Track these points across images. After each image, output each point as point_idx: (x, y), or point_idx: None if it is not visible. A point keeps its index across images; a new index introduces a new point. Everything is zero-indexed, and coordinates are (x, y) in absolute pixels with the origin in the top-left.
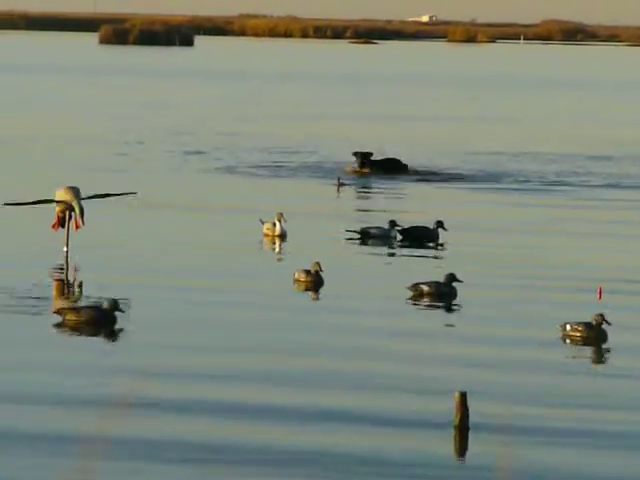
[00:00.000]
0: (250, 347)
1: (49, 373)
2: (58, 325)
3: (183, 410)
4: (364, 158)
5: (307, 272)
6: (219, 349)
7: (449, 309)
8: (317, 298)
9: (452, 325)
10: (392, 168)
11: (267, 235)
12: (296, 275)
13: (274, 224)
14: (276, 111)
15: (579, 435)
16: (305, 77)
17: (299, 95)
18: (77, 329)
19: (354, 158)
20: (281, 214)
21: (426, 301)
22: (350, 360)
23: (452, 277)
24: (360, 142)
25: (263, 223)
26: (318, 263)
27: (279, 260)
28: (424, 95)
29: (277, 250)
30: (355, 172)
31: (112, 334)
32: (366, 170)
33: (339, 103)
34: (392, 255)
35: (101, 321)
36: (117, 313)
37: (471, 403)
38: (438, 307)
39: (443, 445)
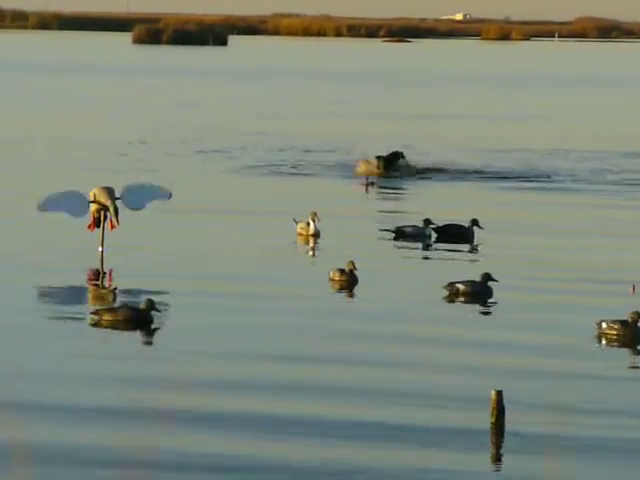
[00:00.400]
0: (285, 355)
1: (82, 380)
2: (95, 325)
3: (216, 420)
4: (386, 161)
5: (342, 271)
6: (253, 356)
7: (485, 308)
8: (352, 297)
9: (487, 323)
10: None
11: (301, 234)
12: (331, 274)
13: (308, 223)
14: (308, 110)
15: (613, 440)
16: (338, 75)
17: (332, 93)
18: (113, 329)
19: (361, 158)
20: (315, 213)
21: (461, 300)
22: (385, 364)
23: (488, 276)
24: (392, 141)
25: (297, 222)
26: (352, 262)
27: (313, 259)
28: (458, 93)
29: (311, 249)
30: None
31: (148, 334)
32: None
33: (372, 101)
34: (427, 254)
35: (137, 321)
36: (153, 313)
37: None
38: (473, 306)
39: (478, 450)
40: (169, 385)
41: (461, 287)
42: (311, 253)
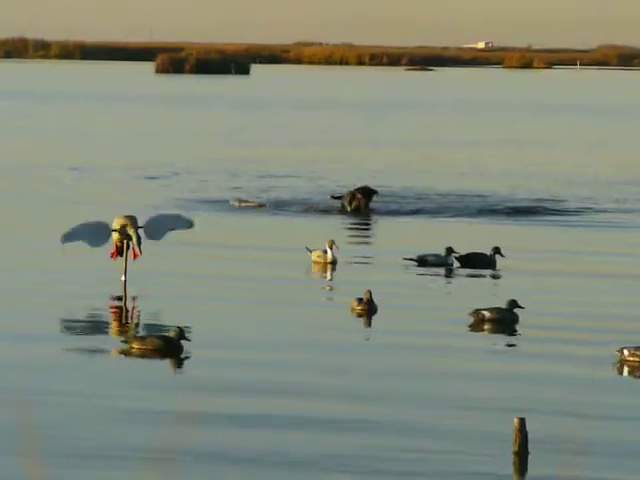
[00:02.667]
0: (305, 389)
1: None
2: (123, 353)
3: (240, 455)
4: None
5: (359, 300)
6: (278, 389)
7: (511, 335)
8: (370, 326)
9: (513, 351)
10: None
11: (317, 263)
12: (351, 303)
13: (325, 251)
14: (332, 139)
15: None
16: (361, 104)
17: (353, 122)
18: (143, 357)
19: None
20: (332, 241)
21: (487, 327)
22: (403, 397)
23: (514, 303)
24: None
25: (311, 251)
26: (369, 291)
27: (331, 289)
28: (476, 121)
29: (329, 278)
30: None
31: (177, 363)
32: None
33: (393, 129)
34: (450, 282)
35: (167, 350)
36: (183, 341)
37: (531, 431)
38: (499, 333)
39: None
40: (195, 417)
41: (487, 314)
42: (329, 281)
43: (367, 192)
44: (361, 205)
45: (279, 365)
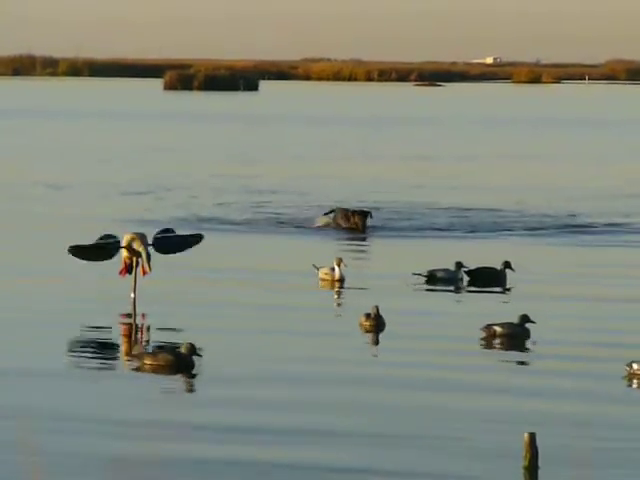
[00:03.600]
0: (316, 401)
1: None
2: (135, 370)
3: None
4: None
5: (367, 315)
6: (289, 403)
7: (522, 350)
8: (380, 342)
9: (524, 366)
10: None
11: (324, 280)
12: (359, 319)
13: (332, 269)
14: (337, 153)
15: None
16: (369, 120)
17: (360, 138)
18: (154, 373)
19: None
20: (340, 259)
21: (499, 342)
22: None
23: (525, 318)
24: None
25: (318, 269)
26: (377, 306)
27: (339, 305)
28: (485, 135)
29: (337, 295)
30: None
31: (189, 379)
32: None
33: (402, 145)
34: (459, 297)
35: (179, 365)
36: (194, 357)
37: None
38: (511, 348)
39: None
40: (209, 432)
41: (498, 329)
42: (337, 299)
43: (363, 213)
44: (359, 227)
45: (290, 378)
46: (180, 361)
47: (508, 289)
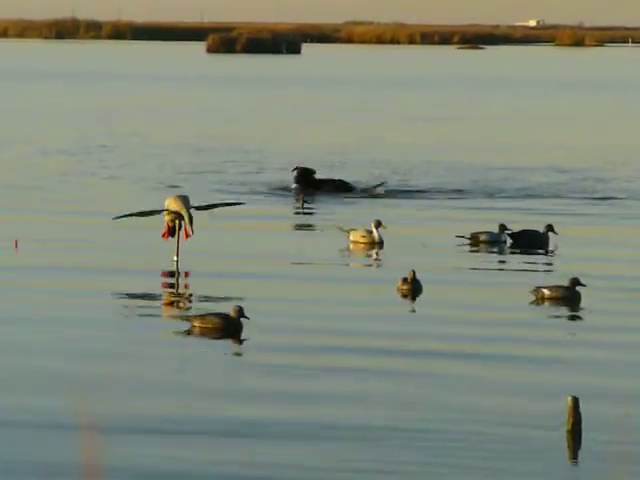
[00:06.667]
0: (362, 367)
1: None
2: (185, 332)
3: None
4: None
5: (404, 280)
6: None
7: (572, 313)
8: (414, 308)
9: (574, 329)
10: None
11: (356, 242)
12: (398, 284)
13: (370, 231)
14: (381, 117)
15: None
16: (412, 82)
17: (405, 100)
18: (203, 336)
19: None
20: (378, 221)
21: (548, 305)
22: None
23: (576, 281)
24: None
25: (347, 231)
26: (413, 271)
27: (379, 268)
28: (526, 98)
29: (376, 258)
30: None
31: (237, 343)
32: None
33: (444, 108)
34: (503, 260)
35: (227, 328)
36: (242, 320)
37: (586, 408)
38: (560, 311)
39: (556, 448)
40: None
41: (547, 292)
42: (377, 262)
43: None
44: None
45: (328, 347)
46: (228, 324)
47: (551, 251)
